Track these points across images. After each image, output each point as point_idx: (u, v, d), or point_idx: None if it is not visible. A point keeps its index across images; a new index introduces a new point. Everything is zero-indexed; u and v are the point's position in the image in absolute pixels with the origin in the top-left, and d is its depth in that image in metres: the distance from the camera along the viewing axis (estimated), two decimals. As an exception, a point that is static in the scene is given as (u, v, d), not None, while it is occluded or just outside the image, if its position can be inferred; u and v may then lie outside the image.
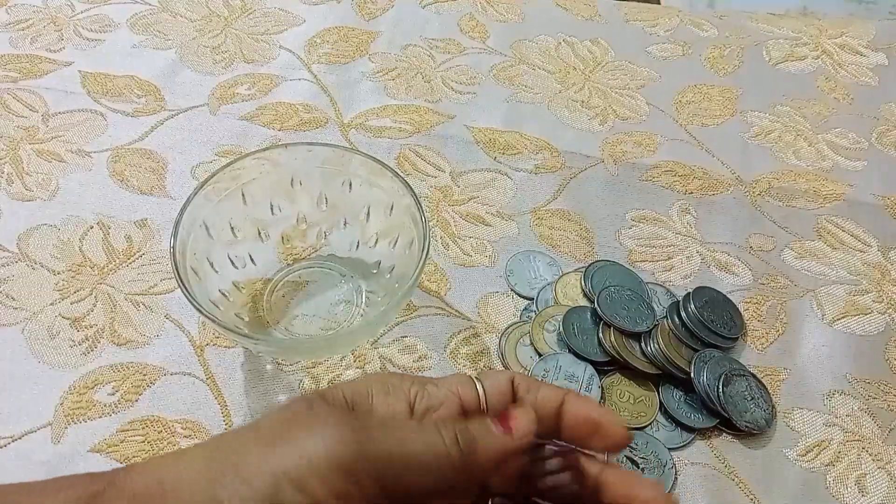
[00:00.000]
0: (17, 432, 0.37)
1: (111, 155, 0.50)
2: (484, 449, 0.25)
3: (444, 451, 0.25)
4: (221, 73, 0.56)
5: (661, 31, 0.64)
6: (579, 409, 0.28)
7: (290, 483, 0.23)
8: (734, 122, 0.56)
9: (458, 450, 0.25)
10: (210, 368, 0.40)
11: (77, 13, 0.60)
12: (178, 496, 0.23)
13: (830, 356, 0.43)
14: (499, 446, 0.25)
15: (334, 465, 0.23)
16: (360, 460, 0.23)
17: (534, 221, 0.48)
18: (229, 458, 0.24)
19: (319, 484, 0.23)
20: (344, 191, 0.41)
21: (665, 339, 0.40)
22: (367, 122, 0.53)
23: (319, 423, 0.24)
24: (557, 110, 0.56)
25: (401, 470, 0.24)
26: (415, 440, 0.25)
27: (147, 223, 0.46)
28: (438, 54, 0.59)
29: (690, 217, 0.49)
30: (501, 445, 0.25)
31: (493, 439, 0.25)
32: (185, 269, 0.35)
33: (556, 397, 0.28)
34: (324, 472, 0.23)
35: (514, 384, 0.28)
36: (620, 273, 0.44)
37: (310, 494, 0.23)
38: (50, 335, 0.40)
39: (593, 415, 0.27)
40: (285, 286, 0.43)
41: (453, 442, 0.25)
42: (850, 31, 0.64)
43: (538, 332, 0.42)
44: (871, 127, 0.56)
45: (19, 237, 0.45)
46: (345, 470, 0.23)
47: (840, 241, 0.48)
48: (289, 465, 0.23)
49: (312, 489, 0.23)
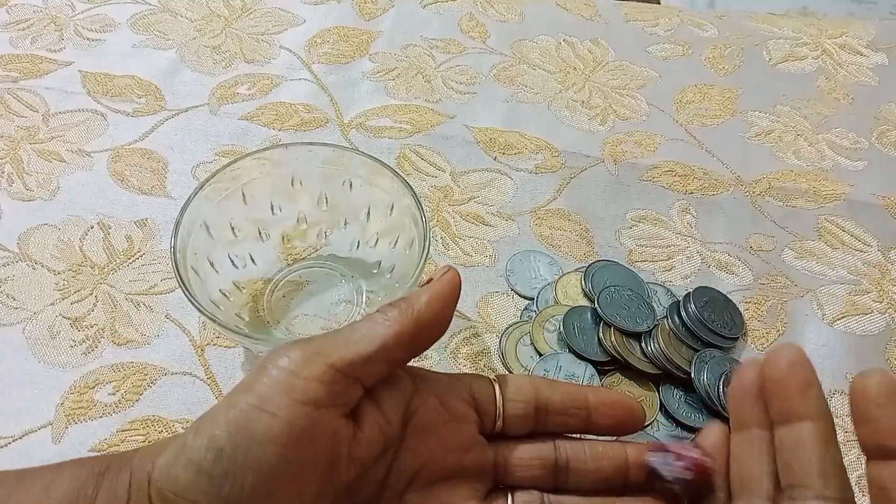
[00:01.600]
0: (17, 432, 0.37)
1: (111, 155, 0.50)
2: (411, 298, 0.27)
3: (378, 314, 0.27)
4: (221, 73, 0.56)
5: (661, 31, 0.64)
6: (605, 396, 0.29)
7: (254, 409, 0.24)
8: (734, 122, 0.56)
9: (390, 306, 0.27)
10: (210, 368, 0.40)
11: (77, 13, 0.60)
12: None
13: (830, 356, 0.43)
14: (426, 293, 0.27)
15: (287, 372, 0.25)
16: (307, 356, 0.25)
17: (534, 221, 0.48)
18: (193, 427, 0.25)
19: (280, 398, 0.24)
20: (344, 191, 0.42)
21: (665, 339, 0.40)
22: (367, 122, 0.53)
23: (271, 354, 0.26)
24: (557, 110, 0.56)
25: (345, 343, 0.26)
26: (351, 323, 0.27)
27: (147, 223, 0.46)
28: (438, 54, 0.59)
29: (690, 217, 0.49)
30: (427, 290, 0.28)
31: (418, 291, 0.28)
32: (185, 269, 0.35)
33: (579, 389, 0.29)
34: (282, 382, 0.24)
35: (534, 384, 0.30)
36: (621, 273, 0.44)
37: (273, 412, 0.24)
38: (50, 335, 0.40)
39: (618, 398, 0.29)
40: (286, 286, 0.43)
41: (383, 306, 0.27)
42: (850, 31, 0.64)
43: (538, 331, 0.42)
44: (871, 127, 0.56)
45: (20, 237, 0.45)
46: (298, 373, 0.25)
47: (840, 241, 0.48)
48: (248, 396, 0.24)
49: (273, 406, 0.24)
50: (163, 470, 0.24)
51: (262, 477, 0.23)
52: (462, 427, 0.28)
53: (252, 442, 0.23)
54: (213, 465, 0.23)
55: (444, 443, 0.28)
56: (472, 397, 0.29)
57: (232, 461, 0.23)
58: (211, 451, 0.23)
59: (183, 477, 0.23)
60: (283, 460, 0.23)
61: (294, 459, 0.24)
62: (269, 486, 0.23)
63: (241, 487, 0.23)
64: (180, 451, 0.24)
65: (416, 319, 0.27)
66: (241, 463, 0.23)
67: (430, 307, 0.27)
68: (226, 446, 0.23)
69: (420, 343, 0.27)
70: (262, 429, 0.23)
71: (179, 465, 0.24)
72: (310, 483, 0.24)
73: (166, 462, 0.24)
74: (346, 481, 0.26)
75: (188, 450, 0.24)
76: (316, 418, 0.24)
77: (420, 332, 0.27)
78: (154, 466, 0.24)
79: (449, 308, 0.28)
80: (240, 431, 0.23)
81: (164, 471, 0.24)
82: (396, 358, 0.27)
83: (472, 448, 0.28)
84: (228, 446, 0.23)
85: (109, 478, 0.25)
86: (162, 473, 0.24)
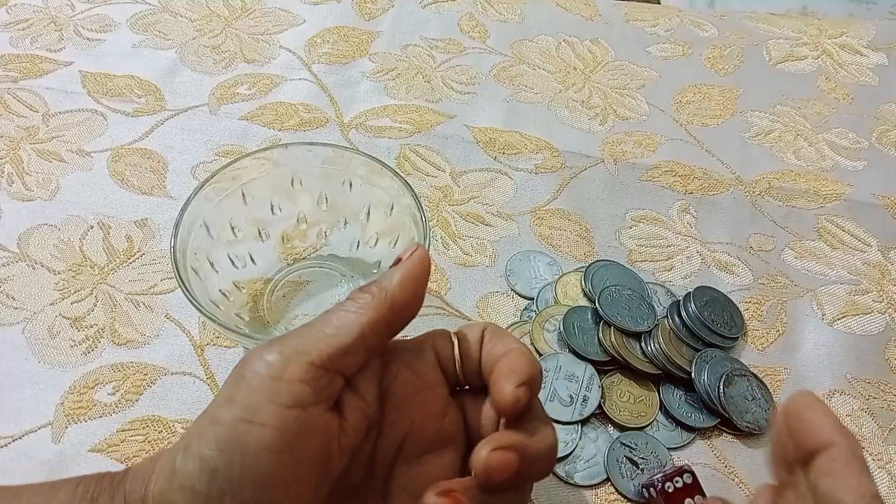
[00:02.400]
0: (17, 432, 0.37)
1: (111, 155, 0.50)
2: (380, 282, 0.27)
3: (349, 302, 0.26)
4: (221, 72, 0.56)
5: (661, 31, 0.64)
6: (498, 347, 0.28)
7: (242, 422, 0.23)
8: (734, 122, 0.56)
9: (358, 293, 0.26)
10: (210, 368, 0.40)
11: (77, 13, 0.60)
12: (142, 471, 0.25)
13: (830, 356, 0.43)
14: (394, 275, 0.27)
15: (268, 378, 0.24)
16: (285, 358, 0.24)
17: (534, 221, 0.48)
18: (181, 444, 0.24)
19: (266, 406, 0.23)
20: (344, 190, 0.41)
21: (665, 339, 0.40)
22: (367, 121, 0.53)
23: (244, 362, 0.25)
24: (557, 110, 0.56)
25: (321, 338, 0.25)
26: (321, 316, 0.26)
27: (147, 223, 0.46)
28: (438, 54, 0.59)
29: (690, 217, 0.49)
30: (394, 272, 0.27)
31: (386, 273, 0.27)
32: (185, 269, 0.35)
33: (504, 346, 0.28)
34: (265, 390, 0.24)
35: (483, 334, 0.28)
36: (621, 273, 0.44)
37: (262, 422, 0.23)
38: (50, 335, 0.40)
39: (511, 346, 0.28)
40: (286, 286, 0.43)
41: (351, 295, 0.27)
42: (850, 31, 0.65)
43: (538, 331, 0.42)
44: (871, 127, 0.56)
45: (19, 237, 0.45)
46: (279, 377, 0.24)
47: (840, 241, 0.48)
48: (233, 409, 0.24)
49: (261, 416, 0.23)
50: (158, 498, 0.24)
51: (261, 488, 0.23)
52: (436, 392, 0.28)
53: (245, 456, 0.23)
54: (208, 486, 0.23)
55: (421, 412, 0.28)
56: (437, 359, 0.29)
57: (228, 479, 0.23)
58: (204, 472, 0.23)
59: (180, 502, 0.23)
60: (279, 467, 0.23)
61: (290, 463, 0.24)
62: (270, 495, 0.23)
63: (242, 501, 0.23)
64: (172, 477, 0.23)
65: (390, 304, 0.26)
66: (237, 478, 0.23)
67: (404, 289, 0.26)
68: (218, 465, 0.23)
69: (395, 326, 0.27)
70: (254, 441, 0.23)
71: (174, 490, 0.23)
72: (307, 481, 0.24)
73: (161, 490, 0.24)
74: (338, 470, 0.26)
75: (180, 475, 0.23)
76: (305, 419, 0.24)
77: (395, 315, 0.26)
78: (148, 492, 0.24)
79: (421, 287, 0.27)
80: (231, 447, 0.23)
81: (160, 498, 0.24)
82: (374, 345, 0.26)
83: (448, 412, 0.28)
84: (221, 465, 0.23)
85: None
86: (157, 501, 0.24)
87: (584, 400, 0.39)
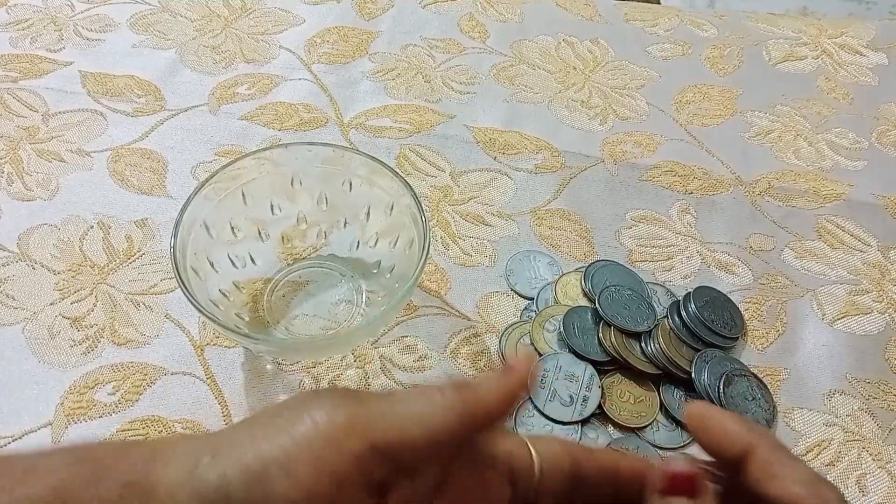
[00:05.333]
0: (17, 432, 0.37)
1: (111, 155, 0.50)
2: (479, 387, 0.24)
3: (439, 394, 0.24)
4: (221, 72, 0.56)
5: (661, 31, 0.64)
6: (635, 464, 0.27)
7: (278, 467, 0.22)
8: (734, 122, 0.56)
9: (454, 389, 0.24)
10: (210, 368, 0.40)
11: (77, 13, 0.60)
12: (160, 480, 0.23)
13: (830, 356, 0.43)
14: (495, 383, 0.25)
15: (323, 437, 0.22)
16: (351, 425, 0.23)
17: (534, 221, 0.48)
18: (211, 444, 0.23)
19: (307, 465, 0.22)
20: (344, 190, 0.41)
21: (666, 339, 0.40)
22: (367, 121, 0.53)
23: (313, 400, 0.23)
24: (557, 110, 0.56)
25: (395, 422, 0.23)
26: (408, 393, 0.24)
27: (147, 223, 0.46)
28: (438, 54, 0.59)
29: (690, 217, 0.49)
30: (498, 380, 0.25)
31: (489, 378, 0.25)
32: (185, 269, 0.35)
33: (612, 458, 0.27)
34: (315, 448, 0.22)
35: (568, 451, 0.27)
36: (620, 273, 0.44)
37: (296, 477, 0.22)
38: (50, 335, 0.40)
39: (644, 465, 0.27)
40: (285, 286, 0.43)
41: (447, 385, 0.24)
42: (850, 31, 0.65)
43: (538, 331, 0.42)
44: (871, 127, 0.56)
45: (19, 237, 0.45)
46: (335, 442, 0.22)
47: (840, 241, 0.48)
48: (274, 446, 0.22)
49: (298, 473, 0.22)
50: (169, 490, 0.23)
51: None
52: None
53: (266, 500, 0.22)
54: None
55: None
56: (511, 469, 0.27)
57: None
58: (220, 492, 0.22)
59: None
60: None
61: None
62: None
63: None
64: (191, 476, 0.22)
65: (475, 417, 0.24)
66: None
67: (499, 407, 0.24)
68: (235, 494, 0.22)
69: (475, 433, 0.25)
70: (280, 491, 0.22)
71: (185, 491, 0.22)
72: None
73: (178, 481, 0.23)
74: None
75: (198, 479, 0.22)
76: (338, 494, 0.22)
77: (477, 427, 0.24)
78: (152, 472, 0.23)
79: (512, 406, 0.25)
80: (256, 486, 0.22)
81: (171, 492, 0.23)
82: (443, 449, 0.24)
83: None
84: (239, 496, 0.22)
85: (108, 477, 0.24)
86: (168, 493, 0.23)
87: (584, 400, 0.39)
